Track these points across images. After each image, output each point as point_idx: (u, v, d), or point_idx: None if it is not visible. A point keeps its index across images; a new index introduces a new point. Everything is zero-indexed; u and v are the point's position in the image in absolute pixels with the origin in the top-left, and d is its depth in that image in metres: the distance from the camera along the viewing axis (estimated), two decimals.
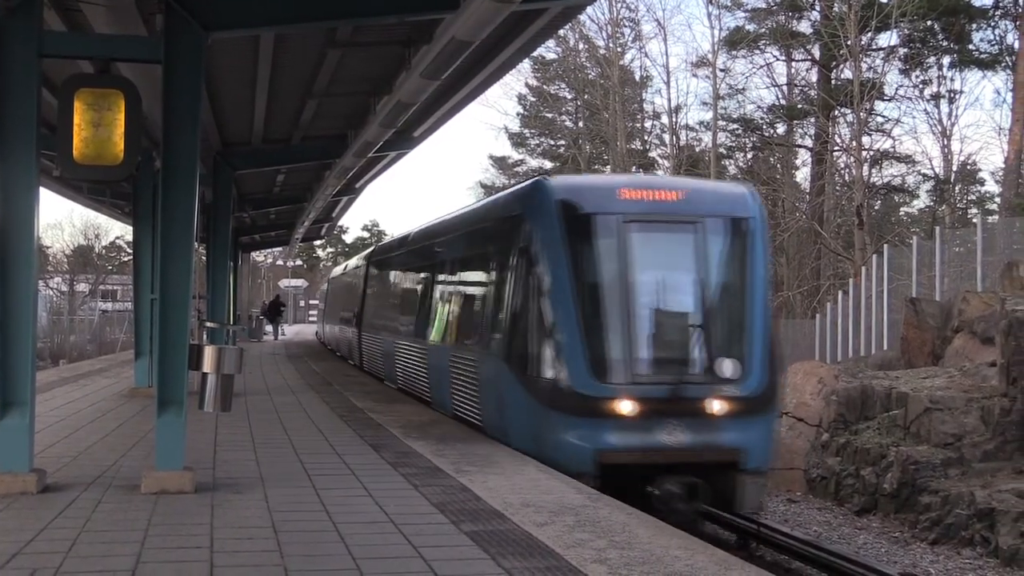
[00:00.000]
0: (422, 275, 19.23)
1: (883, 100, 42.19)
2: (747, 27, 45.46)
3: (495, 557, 6.91)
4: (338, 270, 41.64)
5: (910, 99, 42.93)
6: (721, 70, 46.98)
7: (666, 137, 53.46)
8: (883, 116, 43.56)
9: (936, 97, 42.36)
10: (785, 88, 46.80)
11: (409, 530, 7.70)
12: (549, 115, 61.82)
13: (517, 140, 65.93)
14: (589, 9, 45.39)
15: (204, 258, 25.79)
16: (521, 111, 63.64)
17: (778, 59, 45.84)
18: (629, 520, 8.17)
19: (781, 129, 47.72)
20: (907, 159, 43.44)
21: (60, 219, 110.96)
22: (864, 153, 39.53)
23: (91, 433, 12.96)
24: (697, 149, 51.32)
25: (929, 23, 39.86)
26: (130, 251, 49.46)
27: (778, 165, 48.23)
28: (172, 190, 9.29)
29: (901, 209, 53.46)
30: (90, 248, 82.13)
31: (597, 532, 7.70)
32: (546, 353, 11.64)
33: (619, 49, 52.00)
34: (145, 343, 17.77)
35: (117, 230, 79.94)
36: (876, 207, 45.07)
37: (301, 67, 14.77)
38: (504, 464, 10.89)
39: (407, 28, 12.99)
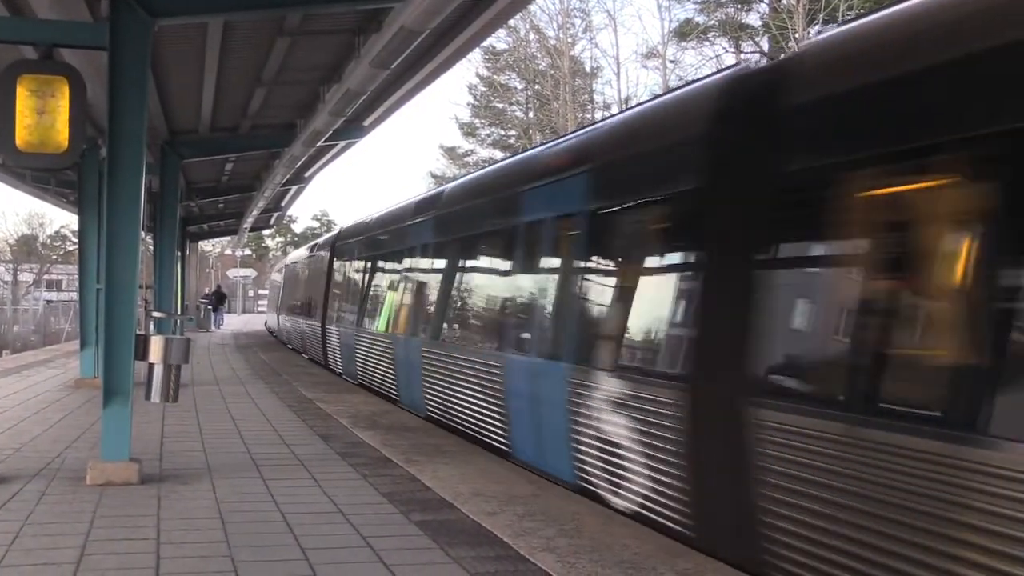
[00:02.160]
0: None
1: None
2: (696, 19, 45.77)
3: (444, 547, 6.91)
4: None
5: None
6: (671, 61, 47.21)
7: None
8: None
9: None
10: None
11: (358, 520, 7.69)
12: (500, 105, 61.77)
13: (467, 130, 65.91)
14: None
15: (151, 247, 25.52)
16: (472, 101, 63.73)
17: (727, 51, 46.09)
18: (579, 509, 8.20)
19: None
20: None
21: (3, 208, 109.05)
22: None
23: (35, 424, 12.79)
24: None
25: None
26: (75, 240, 48.82)
27: None
28: (118, 179, 9.18)
29: None
30: (34, 237, 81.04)
31: (546, 521, 7.73)
32: None
33: (569, 39, 52.03)
34: (91, 333, 17.59)
35: (62, 219, 78.93)
36: None
37: (250, 55, 14.64)
38: (454, 454, 10.90)
39: (357, 16, 12.92)
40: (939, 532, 4.74)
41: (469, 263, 13.02)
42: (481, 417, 11.45)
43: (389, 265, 17.78)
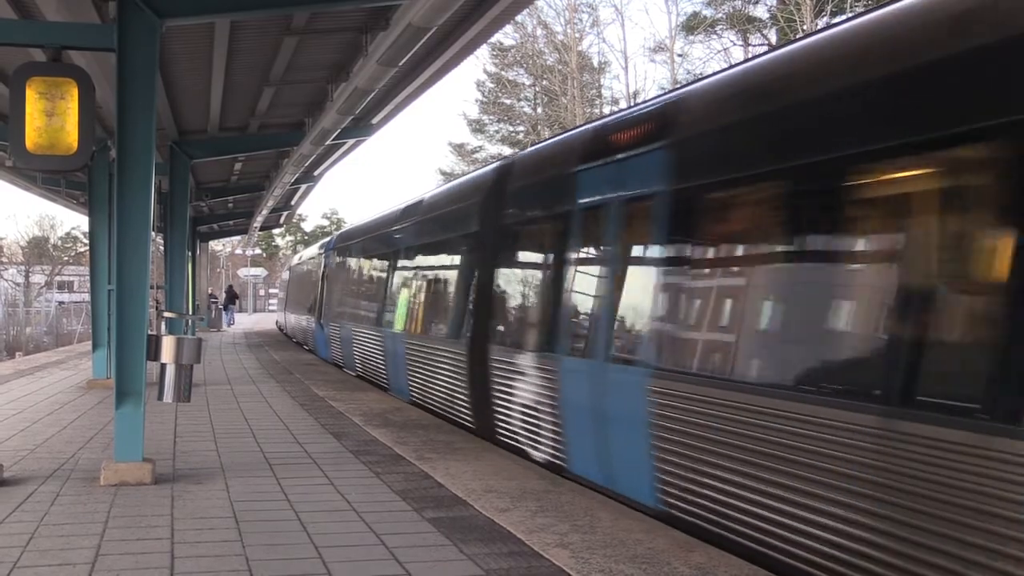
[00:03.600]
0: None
1: None
2: (704, 12, 45.72)
3: (458, 543, 6.92)
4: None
5: None
6: (679, 55, 47.26)
7: None
8: None
9: None
10: None
11: (372, 518, 7.70)
12: (508, 101, 61.76)
13: (476, 126, 65.91)
14: None
15: (161, 248, 25.60)
16: (480, 97, 63.73)
17: (735, 44, 46.08)
18: (592, 504, 8.20)
19: None
20: None
21: (14, 210, 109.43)
22: None
23: (49, 426, 12.83)
24: None
25: None
26: (86, 241, 48.95)
27: None
28: (128, 179, 9.20)
29: None
30: (45, 239, 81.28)
31: (560, 517, 7.73)
32: None
33: (577, 35, 52.04)
34: (103, 334, 17.62)
35: (72, 220, 79.16)
36: None
37: (257, 54, 14.66)
38: (466, 451, 10.90)
39: (363, 14, 12.94)
40: None
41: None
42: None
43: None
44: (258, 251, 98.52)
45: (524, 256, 11.29)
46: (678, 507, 7.41)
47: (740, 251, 7.14)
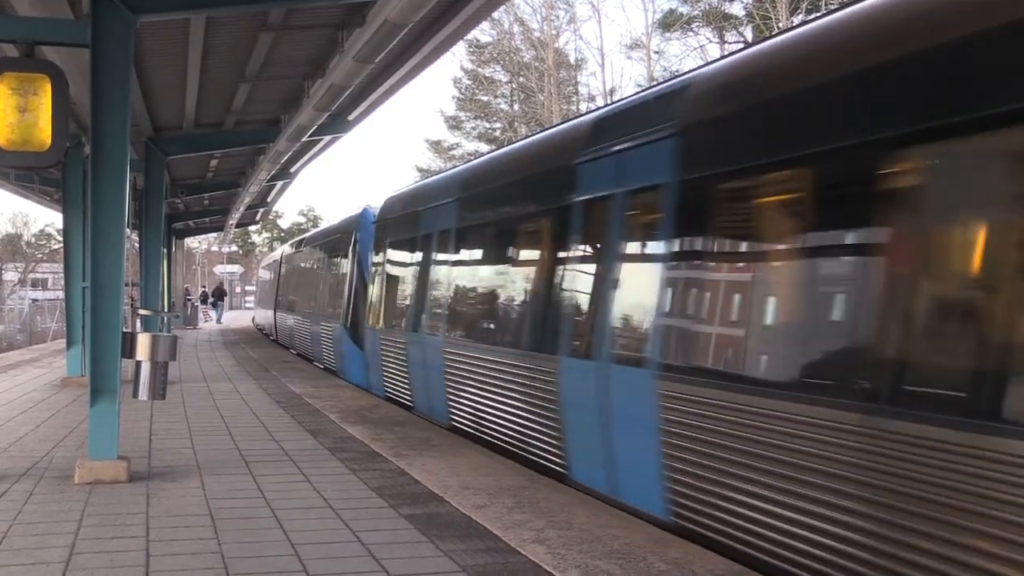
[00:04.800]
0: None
1: None
2: (680, 9, 45.81)
3: (434, 540, 6.92)
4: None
5: None
6: (655, 52, 47.32)
7: None
8: None
9: None
10: None
11: (348, 515, 7.69)
12: (484, 98, 61.71)
13: (453, 123, 65.85)
14: None
15: (137, 245, 25.46)
16: (456, 94, 63.69)
17: (711, 41, 46.19)
18: (568, 500, 8.22)
19: None
20: None
21: None
22: None
23: (22, 424, 12.74)
24: None
25: None
26: (60, 238, 48.67)
27: None
28: (102, 176, 9.15)
29: None
30: (18, 236, 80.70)
31: (536, 513, 7.75)
32: None
33: (554, 31, 52.03)
34: (77, 332, 17.54)
35: (46, 217, 78.64)
36: None
37: (233, 50, 14.58)
38: (442, 447, 10.91)
39: (340, 11, 12.88)
40: None
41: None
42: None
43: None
44: (234, 248, 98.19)
45: None
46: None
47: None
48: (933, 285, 5.16)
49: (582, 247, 8.96)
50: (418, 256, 14.17)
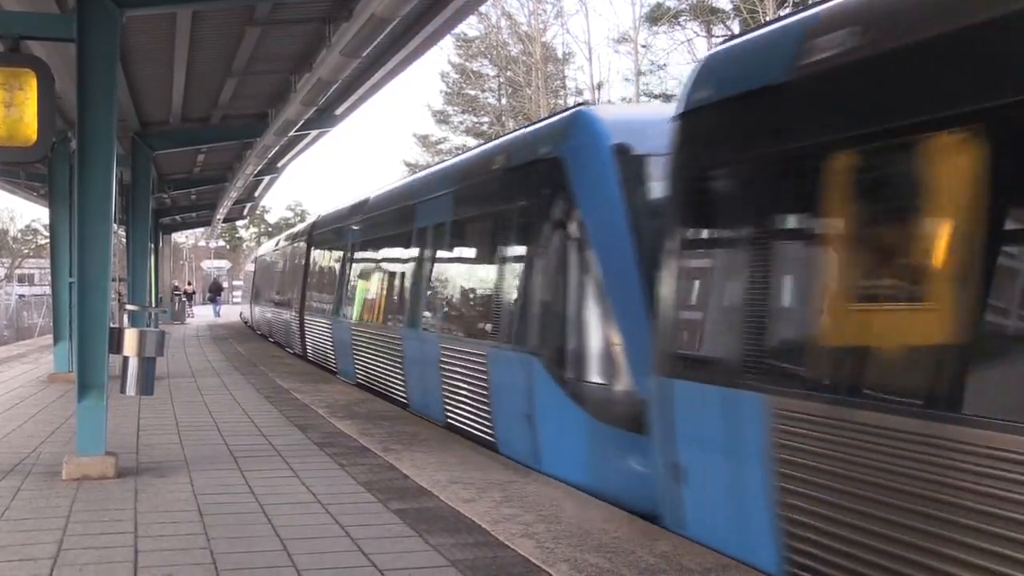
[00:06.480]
0: None
1: None
2: (667, 3, 45.79)
3: (423, 534, 6.93)
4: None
5: None
6: (643, 46, 47.33)
7: None
8: None
9: None
10: None
11: (336, 510, 7.69)
12: (472, 92, 61.68)
13: (440, 117, 65.81)
14: None
15: (124, 240, 25.38)
16: (444, 88, 63.64)
17: (699, 35, 46.22)
18: (556, 495, 8.23)
19: None
20: None
21: None
22: None
23: (9, 420, 12.71)
24: None
25: None
26: (46, 234, 48.48)
27: None
28: (88, 171, 9.12)
29: None
30: (5, 231, 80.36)
31: (525, 507, 7.75)
32: None
33: (541, 25, 51.99)
34: (64, 327, 17.49)
35: (32, 213, 78.37)
36: None
37: (220, 45, 14.54)
38: (431, 442, 10.91)
39: (327, 5, 12.86)
40: None
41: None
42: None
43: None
44: (222, 243, 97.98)
45: None
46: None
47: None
48: None
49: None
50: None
